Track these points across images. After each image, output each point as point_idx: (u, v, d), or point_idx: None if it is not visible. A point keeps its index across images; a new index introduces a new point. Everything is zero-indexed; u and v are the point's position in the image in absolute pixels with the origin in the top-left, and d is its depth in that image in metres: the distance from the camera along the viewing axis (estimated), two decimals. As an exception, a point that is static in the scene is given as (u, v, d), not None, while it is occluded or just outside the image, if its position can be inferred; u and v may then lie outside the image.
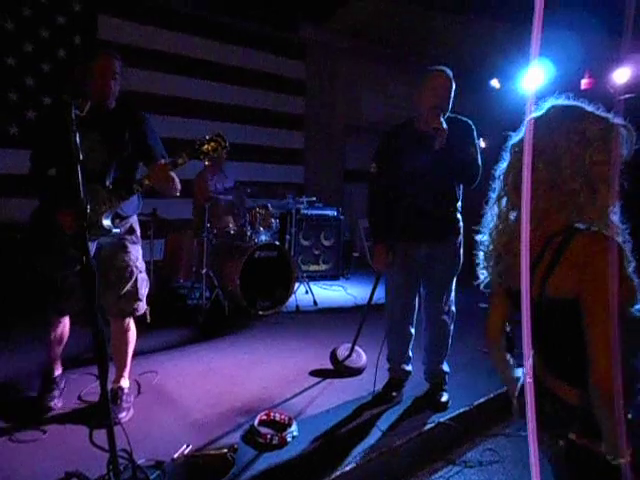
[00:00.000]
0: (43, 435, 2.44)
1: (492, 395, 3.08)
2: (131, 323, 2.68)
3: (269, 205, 4.79)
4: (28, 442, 2.38)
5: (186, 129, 5.90)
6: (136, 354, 3.41)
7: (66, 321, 2.69)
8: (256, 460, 2.33)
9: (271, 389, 3.10)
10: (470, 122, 2.85)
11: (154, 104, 5.90)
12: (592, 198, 1.22)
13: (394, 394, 3.00)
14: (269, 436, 2.44)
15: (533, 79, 5.43)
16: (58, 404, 2.66)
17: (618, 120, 1.24)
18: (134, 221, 2.62)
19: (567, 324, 1.25)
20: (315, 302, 4.99)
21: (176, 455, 2.29)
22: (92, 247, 2.40)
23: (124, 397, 2.64)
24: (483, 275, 1.42)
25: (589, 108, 1.26)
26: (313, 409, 2.86)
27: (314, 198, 5.69)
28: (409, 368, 3.09)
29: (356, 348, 3.41)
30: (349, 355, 3.39)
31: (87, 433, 2.26)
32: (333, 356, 3.40)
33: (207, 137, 2.37)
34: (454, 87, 2.77)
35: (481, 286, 1.44)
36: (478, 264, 1.43)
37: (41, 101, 5.11)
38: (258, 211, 4.66)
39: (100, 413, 2.28)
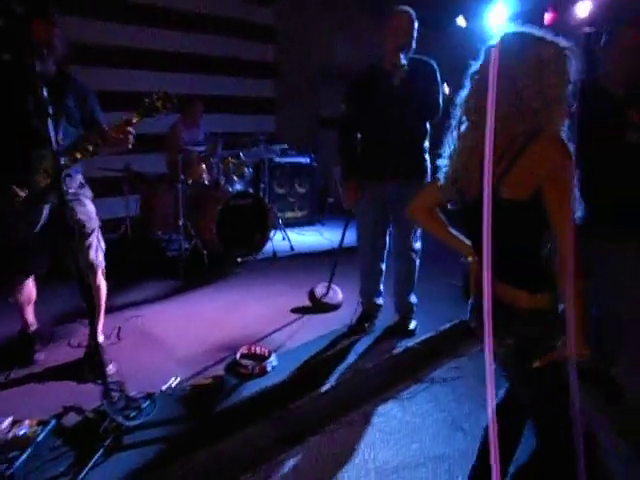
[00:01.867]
0: (36, 379, 2.61)
1: (456, 321, 3.33)
2: (101, 277, 2.71)
3: (241, 154, 4.85)
4: (23, 383, 2.55)
5: (151, 82, 5.81)
6: (121, 305, 3.61)
7: (30, 282, 2.74)
8: (239, 388, 2.55)
9: (252, 327, 3.29)
10: (433, 62, 2.94)
11: (115, 56, 5.76)
12: (549, 117, 1.34)
13: (367, 325, 3.22)
14: (250, 367, 2.66)
15: (497, 16, 5.45)
16: (41, 357, 2.78)
17: (565, 43, 1.34)
18: (81, 178, 2.66)
19: (517, 225, 1.41)
20: (292, 247, 5.15)
21: (164, 387, 2.49)
22: (46, 210, 2.45)
23: (103, 352, 2.67)
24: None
25: (539, 33, 1.35)
26: (292, 342, 3.07)
27: (285, 145, 5.72)
28: (380, 301, 3.30)
29: (332, 286, 3.60)
30: (326, 293, 3.58)
31: (80, 373, 2.48)
32: (311, 294, 3.59)
33: (155, 95, 2.45)
34: (416, 26, 2.85)
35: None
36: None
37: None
38: (231, 160, 4.72)
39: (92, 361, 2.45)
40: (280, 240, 5.30)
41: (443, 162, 1.52)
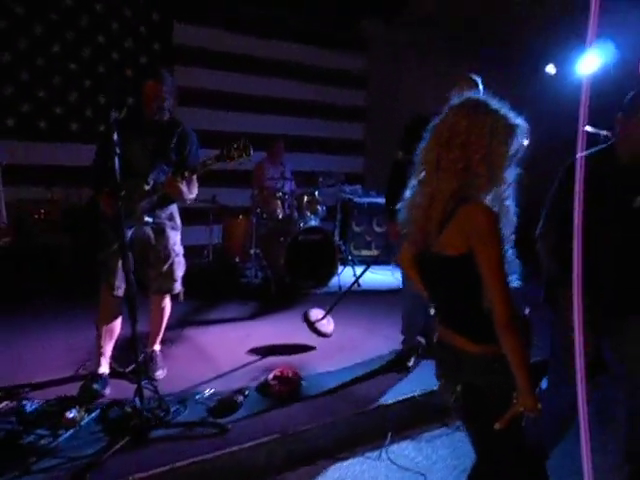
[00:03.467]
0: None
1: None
2: (167, 300, 3.09)
3: (316, 192, 5.18)
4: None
5: (254, 124, 6.48)
6: (188, 321, 4.03)
7: (118, 311, 2.91)
8: (263, 406, 2.76)
9: (298, 354, 3.51)
10: None
11: (224, 102, 6.50)
12: (490, 182, 1.44)
13: (410, 364, 3.27)
14: (277, 387, 2.86)
15: (589, 63, 5.28)
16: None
17: (516, 120, 1.43)
18: (174, 209, 3.04)
19: (454, 279, 1.49)
20: (359, 284, 5.30)
21: (198, 395, 2.78)
22: (128, 233, 2.74)
23: (158, 358, 3.11)
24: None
25: (496, 105, 1.44)
26: (328, 369, 3.25)
27: (358, 186, 5.96)
28: (422, 340, 3.35)
29: (329, 317, 3.66)
30: (321, 319, 3.63)
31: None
32: (305, 315, 3.64)
33: (235, 146, 2.74)
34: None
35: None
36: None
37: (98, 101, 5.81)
38: (305, 198, 5.07)
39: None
40: (351, 276, 5.48)
41: (402, 208, 1.59)
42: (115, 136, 2.37)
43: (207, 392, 2.82)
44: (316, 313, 3.68)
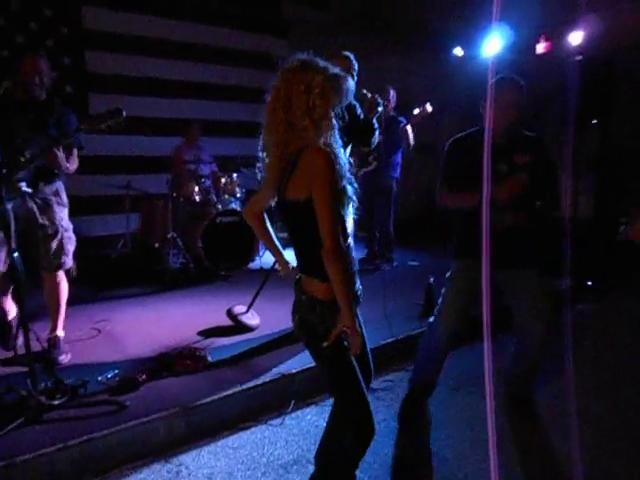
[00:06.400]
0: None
1: (400, 337, 3.45)
2: (61, 277, 3.05)
3: (235, 175, 5.19)
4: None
5: (171, 109, 6.37)
6: (100, 308, 3.99)
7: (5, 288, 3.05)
8: (167, 383, 2.80)
9: (209, 333, 3.55)
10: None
11: (139, 87, 6.32)
12: (316, 131, 1.61)
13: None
14: (182, 363, 2.91)
15: (492, 45, 5.56)
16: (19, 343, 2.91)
17: (335, 71, 1.61)
18: (59, 186, 3.02)
19: (301, 223, 1.65)
20: (281, 265, 5.38)
21: (100, 377, 2.78)
22: (9, 205, 2.68)
23: (60, 344, 3.08)
24: None
25: (320, 63, 1.61)
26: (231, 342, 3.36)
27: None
28: None
29: (252, 311, 3.68)
30: (245, 312, 3.65)
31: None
32: (229, 311, 3.64)
33: (105, 111, 2.67)
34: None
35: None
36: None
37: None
38: (222, 180, 5.07)
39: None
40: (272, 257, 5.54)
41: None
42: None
43: (110, 373, 2.83)
44: (240, 308, 3.67)
